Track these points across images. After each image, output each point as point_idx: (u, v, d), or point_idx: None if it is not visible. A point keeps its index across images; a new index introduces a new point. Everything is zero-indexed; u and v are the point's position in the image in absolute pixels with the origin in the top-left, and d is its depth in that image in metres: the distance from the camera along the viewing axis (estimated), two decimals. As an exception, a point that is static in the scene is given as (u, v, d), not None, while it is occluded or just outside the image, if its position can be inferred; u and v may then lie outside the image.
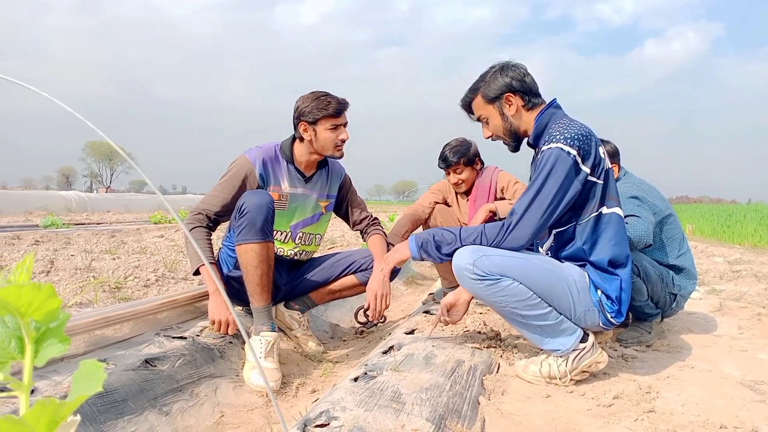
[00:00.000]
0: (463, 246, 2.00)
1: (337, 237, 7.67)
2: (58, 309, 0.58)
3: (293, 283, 2.82)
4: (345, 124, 2.57)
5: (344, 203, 2.93)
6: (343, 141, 2.57)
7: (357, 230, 2.99)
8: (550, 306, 1.96)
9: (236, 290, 2.49)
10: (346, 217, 2.98)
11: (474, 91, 2.17)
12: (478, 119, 2.20)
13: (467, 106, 2.22)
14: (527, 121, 2.10)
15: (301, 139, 2.57)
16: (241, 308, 2.78)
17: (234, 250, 2.40)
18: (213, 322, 2.35)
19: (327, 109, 2.47)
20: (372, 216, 3.00)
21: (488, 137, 2.20)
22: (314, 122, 2.49)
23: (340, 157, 2.62)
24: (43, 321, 0.58)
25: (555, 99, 2.13)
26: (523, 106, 2.09)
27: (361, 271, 2.80)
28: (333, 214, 2.93)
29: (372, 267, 2.75)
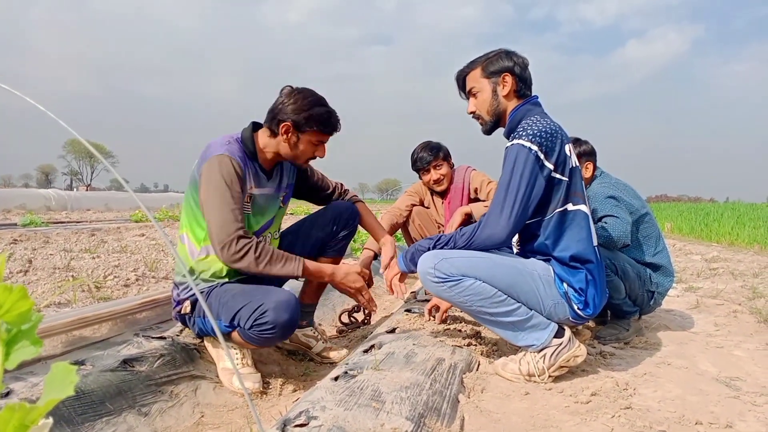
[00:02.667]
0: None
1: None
2: (29, 311, 0.57)
3: None
4: (326, 141, 2.32)
5: (307, 184, 2.63)
6: (316, 158, 2.33)
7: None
8: (518, 302, 1.99)
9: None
10: (311, 196, 2.70)
11: (475, 63, 2.20)
12: (468, 92, 2.22)
13: (463, 76, 2.24)
14: (513, 107, 2.14)
15: (274, 135, 2.24)
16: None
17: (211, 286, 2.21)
18: (359, 294, 2.29)
19: (325, 125, 2.22)
20: (340, 184, 2.76)
21: (470, 112, 2.22)
22: (301, 130, 2.20)
23: (305, 168, 2.46)
24: (15, 323, 0.57)
25: (536, 96, 2.17)
26: (515, 92, 2.13)
27: (329, 248, 2.61)
28: (287, 207, 2.60)
29: (340, 236, 2.60)
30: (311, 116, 2.17)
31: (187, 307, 2.22)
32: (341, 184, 2.76)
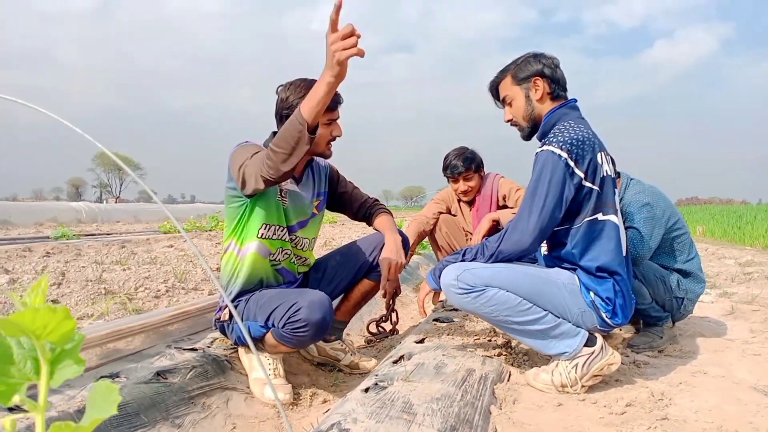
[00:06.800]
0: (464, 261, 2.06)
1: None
2: (72, 331, 0.58)
3: None
4: (338, 119, 2.31)
5: (338, 195, 2.66)
6: (335, 138, 2.31)
7: (360, 217, 2.72)
8: (545, 310, 1.97)
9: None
10: (344, 208, 2.71)
11: (505, 71, 2.21)
12: (503, 100, 2.24)
13: (495, 86, 2.25)
14: (548, 110, 2.14)
15: None
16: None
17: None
18: None
19: None
20: (372, 198, 2.76)
21: (508, 120, 2.24)
22: None
23: (330, 156, 2.37)
24: (58, 342, 0.58)
25: (574, 99, 2.16)
26: (549, 94, 2.13)
27: (372, 270, 2.60)
28: (323, 215, 2.65)
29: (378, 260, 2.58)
30: None
31: (226, 314, 2.27)
32: (376, 199, 2.76)
